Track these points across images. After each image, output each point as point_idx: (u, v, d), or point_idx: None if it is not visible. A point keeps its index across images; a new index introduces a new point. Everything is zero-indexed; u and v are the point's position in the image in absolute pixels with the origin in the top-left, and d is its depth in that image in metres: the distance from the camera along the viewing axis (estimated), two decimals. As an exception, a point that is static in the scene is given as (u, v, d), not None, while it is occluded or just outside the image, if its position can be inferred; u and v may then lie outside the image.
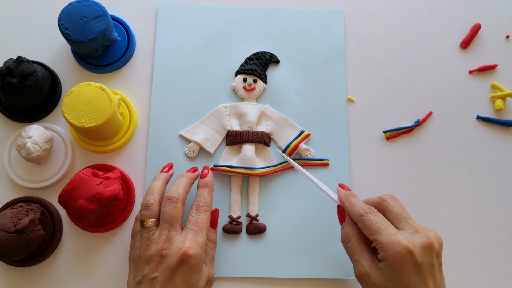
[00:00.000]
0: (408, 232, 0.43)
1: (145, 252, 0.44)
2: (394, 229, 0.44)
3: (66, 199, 0.47)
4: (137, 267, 0.44)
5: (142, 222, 0.45)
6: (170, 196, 0.46)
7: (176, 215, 0.45)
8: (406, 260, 0.41)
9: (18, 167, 0.53)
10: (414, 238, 0.43)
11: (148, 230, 0.45)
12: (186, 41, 0.58)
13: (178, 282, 0.43)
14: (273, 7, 0.60)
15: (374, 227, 0.43)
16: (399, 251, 0.41)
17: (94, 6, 0.53)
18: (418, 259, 0.41)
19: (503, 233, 0.53)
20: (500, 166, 0.55)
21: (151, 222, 0.45)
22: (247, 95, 0.56)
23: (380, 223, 0.44)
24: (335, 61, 0.58)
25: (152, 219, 0.45)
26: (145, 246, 0.44)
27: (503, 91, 0.57)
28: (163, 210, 0.45)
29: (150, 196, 0.46)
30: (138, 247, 0.45)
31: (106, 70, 0.57)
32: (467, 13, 0.61)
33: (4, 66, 0.50)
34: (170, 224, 0.44)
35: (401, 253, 0.41)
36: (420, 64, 0.59)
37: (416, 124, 0.56)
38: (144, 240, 0.45)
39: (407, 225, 0.44)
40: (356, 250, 0.45)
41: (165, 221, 0.45)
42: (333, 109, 0.56)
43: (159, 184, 0.48)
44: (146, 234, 0.45)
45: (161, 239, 0.44)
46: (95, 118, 0.48)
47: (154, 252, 0.43)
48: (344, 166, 0.54)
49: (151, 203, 0.46)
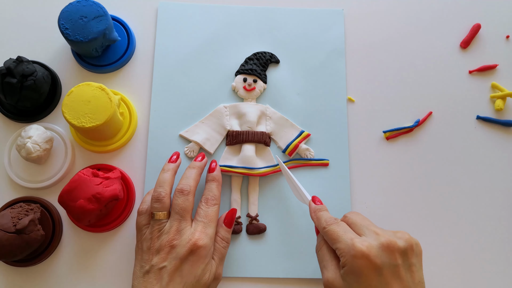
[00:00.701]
0: (367, 236, 0.42)
1: (155, 243, 0.45)
2: (354, 235, 0.42)
3: (66, 199, 0.47)
4: (145, 257, 0.45)
5: (153, 215, 0.46)
6: (182, 189, 0.47)
7: (187, 208, 0.46)
8: (364, 264, 0.40)
9: (18, 167, 0.53)
10: (372, 240, 0.41)
11: (159, 222, 0.46)
12: (186, 41, 0.58)
13: (185, 271, 0.44)
14: (273, 7, 0.60)
15: (335, 236, 0.43)
16: (355, 254, 0.40)
17: (94, 6, 0.53)
18: (377, 261, 0.40)
19: (503, 233, 0.53)
20: (500, 166, 0.55)
21: (162, 214, 0.46)
22: (247, 95, 0.56)
23: (340, 231, 0.43)
24: (335, 61, 0.58)
25: (163, 211, 0.46)
26: (156, 238, 0.45)
27: (503, 91, 0.57)
28: (174, 203, 0.46)
29: (161, 189, 0.47)
30: (148, 238, 0.46)
31: (106, 70, 0.57)
32: (467, 13, 0.61)
33: (4, 66, 0.50)
34: (181, 216, 0.46)
35: (358, 257, 0.40)
36: (420, 64, 0.59)
37: (416, 124, 0.56)
38: (154, 231, 0.46)
39: (367, 231, 0.43)
40: (324, 257, 0.44)
41: (176, 213, 0.46)
42: (333, 109, 0.56)
43: (169, 176, 0.48)
44: (157, 226, 0.46)
45: (172, 230, 0.45)
46: (95, 118, 0.48)
47: (165, 242, 0.45)
48: (344, 166, 0.54)
49: (162, 196, 0.47)
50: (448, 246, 0.53)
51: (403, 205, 0.54)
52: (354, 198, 0.54)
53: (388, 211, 0.54)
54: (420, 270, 0.42)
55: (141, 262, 0.45)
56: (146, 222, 0.47)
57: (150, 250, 0.45)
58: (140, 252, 0.46)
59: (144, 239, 0.46)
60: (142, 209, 0.48)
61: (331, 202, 0.52)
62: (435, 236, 0.53)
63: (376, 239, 0.41)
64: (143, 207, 0.48)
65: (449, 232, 0.53)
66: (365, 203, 0.54)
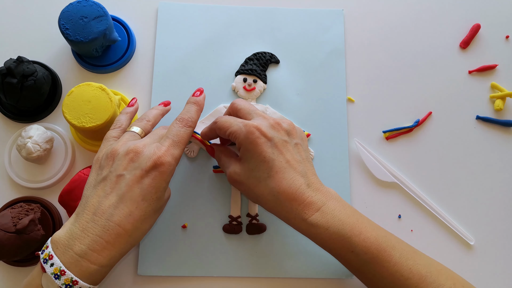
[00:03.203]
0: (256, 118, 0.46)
1: (119, 149, 0.43)
2: (243, 119, 0.46)
3: (66, 199, 0.47)
4: (103, 163, 0.43)
5: (131, 127, 0.47)
6: (182, 118, 0.46)
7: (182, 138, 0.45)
8: (256, 135, 0.43)
9: (18, 167, 0.53)
10: (261, 120, 0.45)
11: (133, 133, 0.46)
12: (186, 41, 0.58)
13: (145, 185, 0.41)
14: (273, 7, 0.60)
15: (226, 125, 0.46)
16: (247, 129, 0.44)
17: (95, 7, 0.53)
18: (268, 134, 0.44)
19: (503, 233, 0.53)
20: (500, 166, 0.55)
21: (140, 130, 0.46)
22: (247, 95, 0.56)
23: (229, 119, 0.46)
24: (335, 61, 0.58)
25: (142, 129, 0.46)
26: (122, 143, 0.44)
27: (502, 91, 0.57)
28: (171, 128, 0.45)
29: (148, 117, 0.48)
30: (111, 144, 0.44)
31: (106, 70, 0.57)
32: (467, 13, 0.61)
33: (5, 66, 0.50)
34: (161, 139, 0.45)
35: (250, 131, 0.43)
36: (420, 64, 0.59)
37: (416, 124, 0.56)
38: (123, 138, 0.44)
39: (255, 115, 0.46)
40: (224, 161, 0.47)
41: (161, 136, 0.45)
42: (333, 109, 0.56)
43: (157, 112, 0.49)
44: (129, 135, 0.45)
45: (141, 142, 0.43)
46: (96, 118, 0.48)
47: (132, 148, 0.42)
48: (344, 166, 0.54)
49: (148, 119, 0.48)
50: (448, 246, 0.53)
51: (403, 205, 0.54)
52: (354, 198, 0.54)
53: (388, 211, 0.54)
54: (306, 150, 0.46)
55: (98, 170, 0.43)
56: (116, 135, 0.46)
57: (111, 153, 0.43)
58: (98, 161, 0.44)
59: (108, 147, 0.44)
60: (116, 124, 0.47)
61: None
62: (435, 236, 0.53)
63: (264, 119, 0.45)
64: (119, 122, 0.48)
65: (449, 232, 0.53)
66: (365, 203, 0.54)
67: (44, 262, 0.39)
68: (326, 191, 0.44)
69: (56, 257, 0.39)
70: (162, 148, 0.43)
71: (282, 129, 0.45)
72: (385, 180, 0.54)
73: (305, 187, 0.43)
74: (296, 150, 0.45)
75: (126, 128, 0.48)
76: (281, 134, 0.45)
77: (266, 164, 0.43)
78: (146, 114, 0.49)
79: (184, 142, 0.44)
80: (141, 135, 0.46)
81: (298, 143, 0.46)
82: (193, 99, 0.48)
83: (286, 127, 0.45)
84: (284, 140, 0.44)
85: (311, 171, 0.45)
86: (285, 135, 0.45)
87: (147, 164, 0.41)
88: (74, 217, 0.41)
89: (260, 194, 0.44)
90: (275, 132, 0.44)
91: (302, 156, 0.45)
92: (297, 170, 0.43)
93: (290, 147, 0.45)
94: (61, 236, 0.40)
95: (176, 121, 0.46)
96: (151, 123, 0.48)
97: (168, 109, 0.51)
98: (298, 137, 0.46)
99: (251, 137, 0.43)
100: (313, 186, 0.44)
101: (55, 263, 0.38)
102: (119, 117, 0.48)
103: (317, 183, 0.44)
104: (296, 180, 0.43)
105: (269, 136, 0.44)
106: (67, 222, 0.41)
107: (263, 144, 0.43)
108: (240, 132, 0.44)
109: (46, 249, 0.40)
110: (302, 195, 0.42)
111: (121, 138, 0.45)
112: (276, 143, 0.44)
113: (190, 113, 0.47)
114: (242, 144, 0.44)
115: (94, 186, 0.42)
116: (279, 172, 0.43)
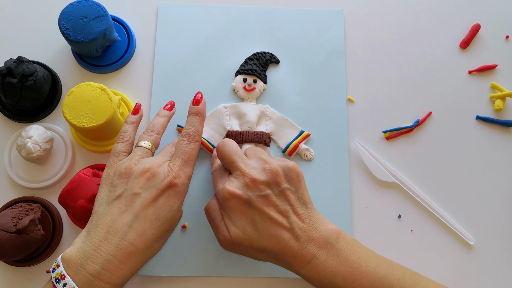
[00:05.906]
0: (234, 176, 0.44)
1: (134, 166, 0.43)
2: (225, 177, 0.45)
3: (66, 199, 0.47)
4: (116, 182, 0.42)
5: (140, 141, 0.46)
6: (188, 133, 0.45)
7: (191, 155, 0.45)
8: (233, 202, 0.42)
9: (18, 167, 0.53)
10: (236, 181, 0.43)
11: (144, 149, 0.45)
12: (186, 41, 0.58)
13: (160, 204, 0.41)
14: (273, 7, 0.60)
15: (214, 181, 0.46)
16: (222, 195, 0.43)
17: (95, 7, 0.53)
18: (243, 196, 0.42)
19: (503, 233, 0.53)
20: (500, 166, 0.55)
21: (150, 145, 0.46)
22: (247, 95, 0.56)
23: (217, 177, 0.46)
24: (335, 61, 0.58)
25: (152, 144, 0.46)
26: (136, 160, 0.43)
27: (502, 91, 0.57)
28: (178, 146, 0.45)
29: (155, 128, 0.47)
30: (124, 161, 0.44)
31: (106, 70, 0.57)
32: (467, 13, 0.61)
33: (5, 66, 0.50)
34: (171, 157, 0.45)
35: (226, 198, 0.43)
36: (420, 64, 0.59)
37: (416, 124, 0.56)
38: (135, 155, 0.44)
39: (234, 169, 0.44)
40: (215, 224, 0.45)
41: (172, 154, 0.45)
42: (333, 109, 0.56)
43: (163, 120, 0.49)
44: (141, 152, 0.45)
45: (156, 161, 0.43)
46: (95, 118, 0.48)
47: (148, 167, 0.42)
48: (344, 166, 0.54)
49: (156, 132, 0.47)
50: (447, 245, 0.53)
51: (403, 205, 0.54)
52: (354, 198, 0.54)
53: (388, 211, 0.54)
54: (299, 190, 0.43)
55: (110, 187, 0.43)
56: (125, 150, 0.46)
57: (125, 173, 0.42)
58: (110, 177, 0.43)
59: (120, 163, 0.44)
60: (124, 137, 0.47)
61: (331, 202, 0.52)
62: (435, 236, 0.53)
63: (238, 180, 0.43)
64: (126, 134, 0.47)
65: (448, 232, 0.53)
66: (365, 203, 0.54)
67: (56, 282, 0.39)
68: (319, 237, 0.42)
69: (69, 277, 0.38)
70: (175, 168, 0.43)
71: (260, 184, 0.42)
72: (385, 180, 0.54)
73: (293, 242, 0.41)
74: (281, 199, 0.43)
75: (133, 140, 0.47)
76: (258, 190, 0.42)
77: (250, 225, 0.42)
78: (154, 124, 0.48)
79: (194, 159, 0.45)
80: (151, 150, 0.46)
81: (285, 188, 0.43)
82: (194, 110, 0.47)
83: (266, 178, 0.43)
84: (264, 195, 0.42)
85: (302, 216, 0.42)
86: (265, 188, 0.42)
87: (162, 184, 0.42)
88: (85, 234, 0.41)
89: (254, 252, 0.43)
90: (251, 191, 0.42)
91: (291, 201, 0.43)
92: (282, 225, 0.42)
93: (273, 199, 0.42)
94: (73, 254, 0.40)
95: (182, 137, 0.45)
96: (160, 136, 0.48)
97: (173, 112, 0.51)
98: (285, 180, 0.43)
99: (229, 203, 0.43)
100: (303, 237, 0.41)
101: (68, 283, 0.38)
102: (125, 128, 0.48)
103: (309, 230, 0.42)
104: (283, 235, 0.41)
105: (245, 198, 0.42)
106: (77, 239, 0.41)
107: (241, 209, 0.42)
108: (220, 196, 0.43)
109: (57, 268, 0.39)
110: (291, 249, 0.41)
111: (133, 155, 0.45)
112: (253, 203, 0.42)
113: (194, 126, 0.46)
114: (222, 207, 0.44)
115: (107, 203, 0.42)
116: (265, 230, 0.42)
